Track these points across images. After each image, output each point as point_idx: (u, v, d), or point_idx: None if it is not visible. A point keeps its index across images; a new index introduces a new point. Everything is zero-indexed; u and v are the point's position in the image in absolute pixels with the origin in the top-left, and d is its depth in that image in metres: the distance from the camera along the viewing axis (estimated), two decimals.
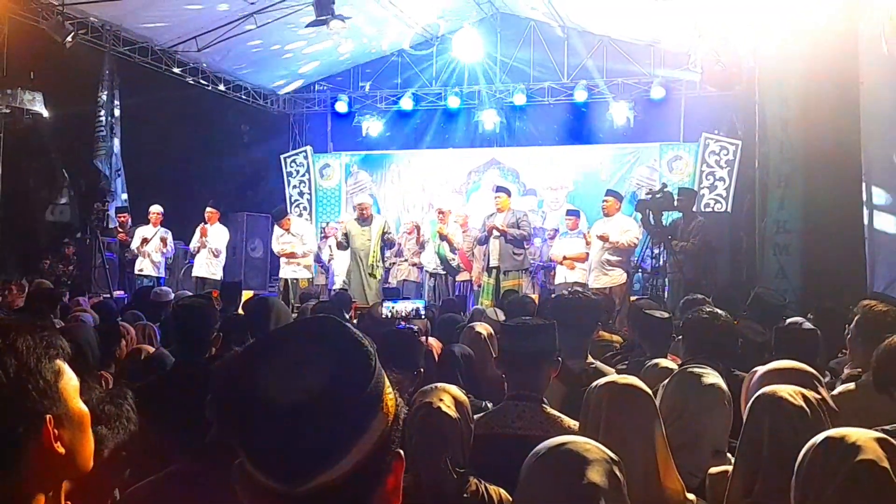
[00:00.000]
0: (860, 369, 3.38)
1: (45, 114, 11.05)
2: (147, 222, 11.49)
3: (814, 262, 8.56)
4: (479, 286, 10.76)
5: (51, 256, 12.61)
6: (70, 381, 1.22)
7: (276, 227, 11.11)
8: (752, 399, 2.04)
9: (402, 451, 1.00)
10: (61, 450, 1.17)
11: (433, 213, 12.44)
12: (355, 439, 0.92)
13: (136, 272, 11.25)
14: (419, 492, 2.23)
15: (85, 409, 1.25)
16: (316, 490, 0.90)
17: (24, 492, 1.14)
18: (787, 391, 2.00)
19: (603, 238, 9.48)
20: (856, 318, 3.49)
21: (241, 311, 6.52)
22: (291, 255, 10.77)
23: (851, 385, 3.25)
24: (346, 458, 0.91)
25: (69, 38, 10.28)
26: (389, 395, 0.98)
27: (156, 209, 11.44)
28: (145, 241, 11.16)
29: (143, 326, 5.08)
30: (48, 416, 1.15)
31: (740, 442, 2.05)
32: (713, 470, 2.41)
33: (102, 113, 12.56)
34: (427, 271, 11.48)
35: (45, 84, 11.12)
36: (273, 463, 0.91)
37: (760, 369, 2.44)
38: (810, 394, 2.01)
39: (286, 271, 10.88)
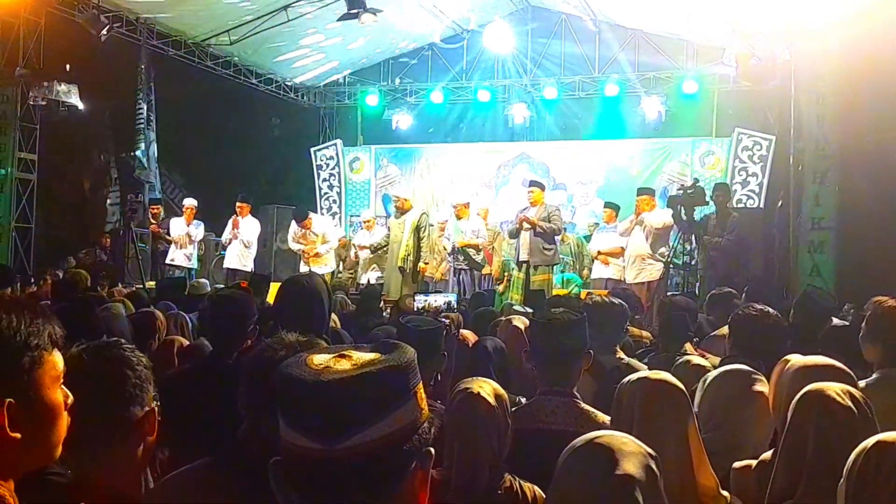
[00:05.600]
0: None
1: (81, 106, 11.20)
2: (179, 214, 11.61)
3: (849, 260, 8.44)
4: (498, 280, 10.79)
5: (87, 247, 12.79)
6: (50, 370, 1.26)
7: (294, 224, 11.17)
8: (798, 397, 2.00)
9: (433, 451, 1.08)
10: (15, 435, 1.19)
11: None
12: (388, 410, 1.02)
13: (168, 262, 11.39)
14: (451, 486, 2.23)
15: (59, 400, 1.28)
16: (350, 452, 0.99)
17: None
18: (834, 390, 1.96)
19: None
20: (866, 316, 3.41)
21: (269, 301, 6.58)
22: (315, 256, 10.85)
23: (861, 383, 3.19)
24: (378, 425, 1.00)
25: (104, 32, 10.40)
26: (423, 397, 1.09)
27: (190, 203, 11.54)
28: (189, 236, 11.34)
29: (174, 316, 5.05)
30: (7, 401, 1.18)
31: (784, 440, 2.01)
32: (737, 464, 2.39)
33: (141, 106, 12.71)
34: (452, 266, 11.47)
35: (81, 77, 11.27)
36: (314, 421, 1.01)
37: (795, 362, 2.39)
38: (858, 393, 1.96)
39: (309, 267, 10.96)
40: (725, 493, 2.12)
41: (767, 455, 2.28)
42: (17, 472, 1.25)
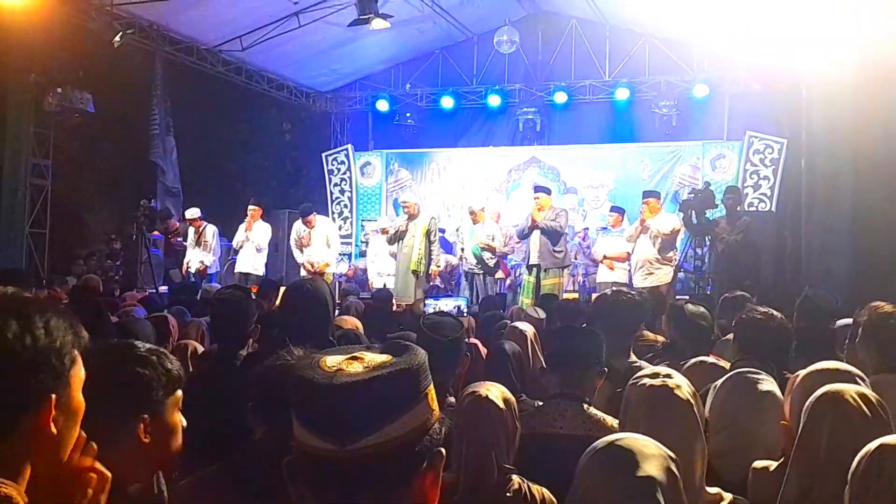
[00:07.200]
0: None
1: (94, 112, 11.28)
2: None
3: (861, 264, 8.40)
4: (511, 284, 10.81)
5: (99, 253, 12.85)
6: (79, 372, 1.30)
7: (297, 224, 11.17)
8: (813, 399, 1.98)
9: (443, 451, 1.10)
10: (54, 430, 1.24)
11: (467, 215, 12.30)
12: (400, 412, 1.04)
13: (185, 268, 11.49)
14: (460, 489, 2.24)
15: (83, 403, 1.32)
16: (363, 453, 1.01)
17: (13, 461, 1.21)
18: (850, 392, 1.94)
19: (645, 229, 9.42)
20: (863, 321, 3.39)
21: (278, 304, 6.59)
22: (322, 267, 10.82)
23: None
24: (390, 427, 1.02)
25: (117, 38, 10.48)
26: (434, 399, 1.10)
27: (192, 214, 11.59)
28: (197, 240, 11.42)
29: (196, 324, 5.07)
30: (53, 396, 1.23)
31: (797, 443, 1.99)
32: (757, 464, 2.38)
33: (156, 112, 12.75)
34: (463, 270, 11.48)
35: (94, 83, 11.34)
36: (327, 423, 1.02)
37: (803, 371, 2.39)
38: (873, 396, 1.94)
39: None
40: (729, 496, 2.10)
41: None
42: (40, 467, 1.28)
